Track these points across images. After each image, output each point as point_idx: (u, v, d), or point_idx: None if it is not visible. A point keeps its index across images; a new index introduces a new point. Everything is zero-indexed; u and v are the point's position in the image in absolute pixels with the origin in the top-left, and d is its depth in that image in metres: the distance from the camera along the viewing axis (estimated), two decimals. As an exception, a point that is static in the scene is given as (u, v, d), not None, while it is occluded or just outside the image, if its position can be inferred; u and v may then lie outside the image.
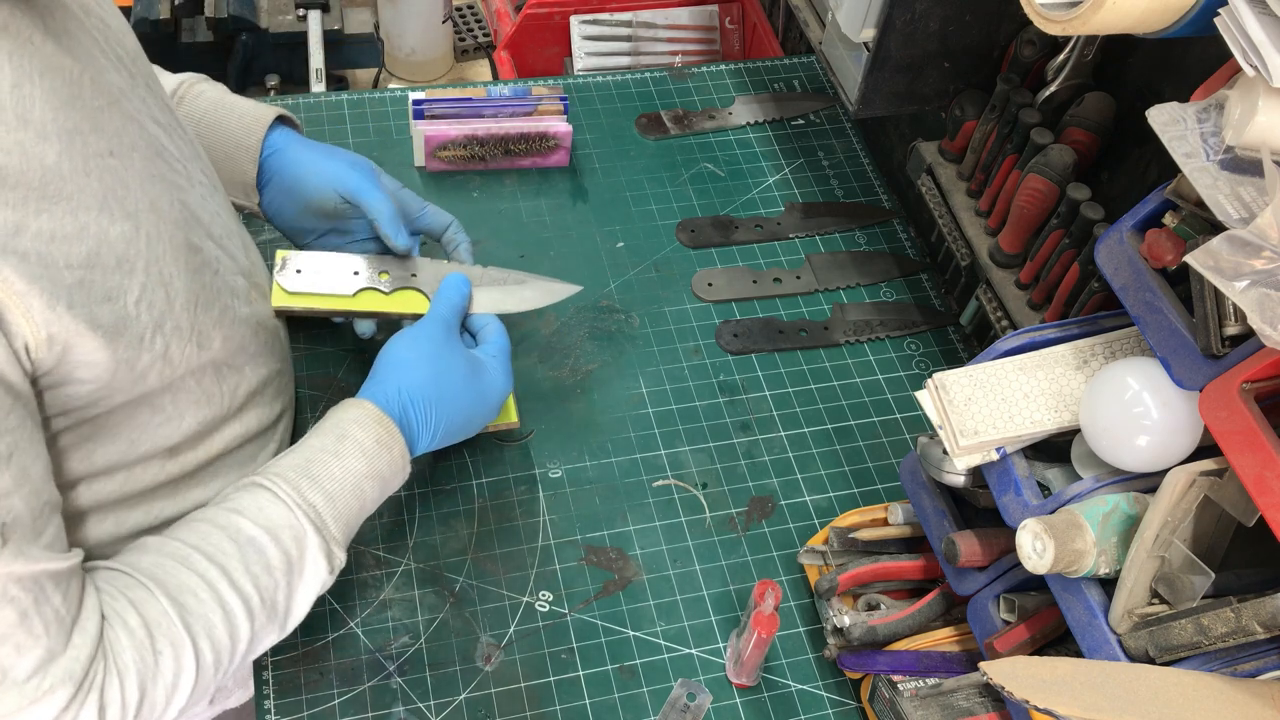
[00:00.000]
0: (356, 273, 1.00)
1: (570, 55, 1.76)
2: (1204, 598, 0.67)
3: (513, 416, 1.05)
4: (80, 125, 0.68)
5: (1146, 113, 0.68)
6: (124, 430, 0.77)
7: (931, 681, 0.88)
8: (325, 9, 2.16)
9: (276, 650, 0.93)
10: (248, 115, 1.00)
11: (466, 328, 1.00)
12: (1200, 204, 0.66)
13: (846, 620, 0.90)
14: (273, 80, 2.17)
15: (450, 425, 0.90)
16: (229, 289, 0.83)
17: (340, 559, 0.83)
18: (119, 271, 0.69)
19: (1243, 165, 0.64)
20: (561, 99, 1.28)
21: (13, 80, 0.63)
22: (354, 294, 1.00)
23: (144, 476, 0.81)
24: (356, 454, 0.83)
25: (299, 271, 0.99)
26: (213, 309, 0.79)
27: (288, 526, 0.79)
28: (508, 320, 1.14)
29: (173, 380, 0.78)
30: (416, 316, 0.98)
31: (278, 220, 1.03)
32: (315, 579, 0.81)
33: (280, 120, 1.02)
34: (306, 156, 1.00)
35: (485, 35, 2.47)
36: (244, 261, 0.89)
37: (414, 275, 1.02)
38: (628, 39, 1.76)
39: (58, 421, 0.72)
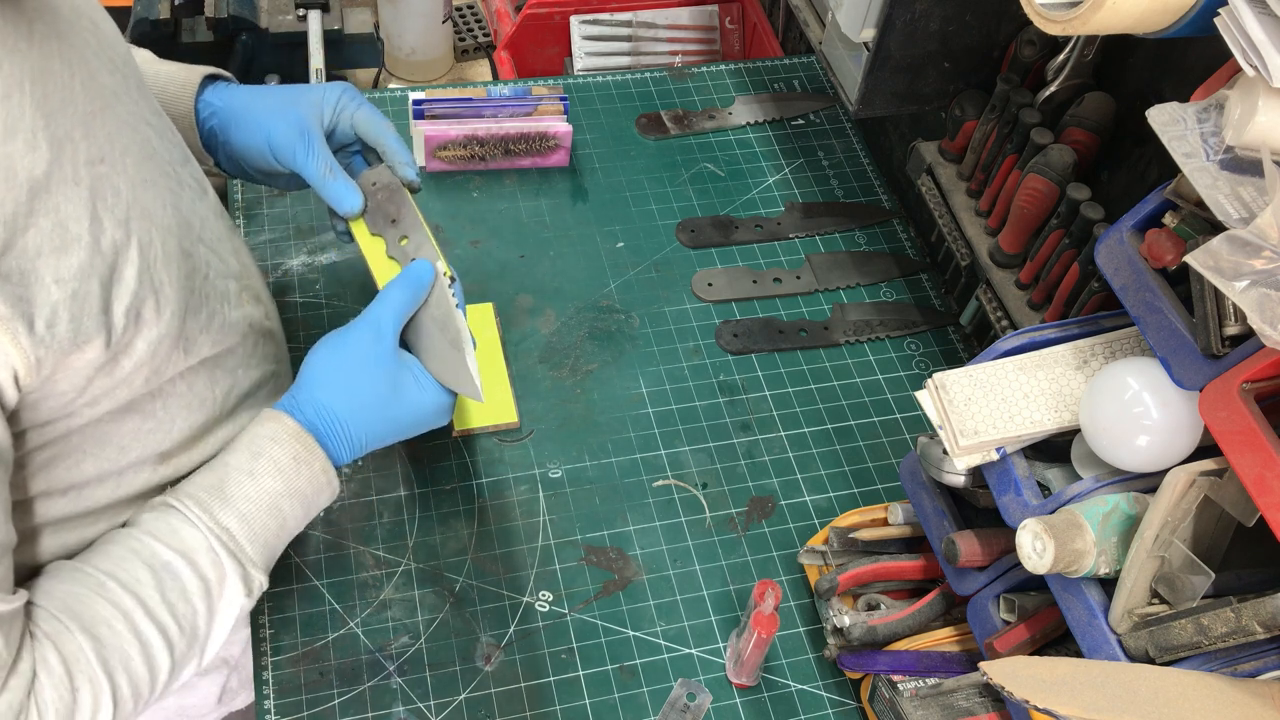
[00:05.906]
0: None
1: (570, 55, 1.76)
2: (1204, 598, 0.67)
3: (513, 416, 1.05)
4: (71, 132, 0.66)
5: (1146, 113, 0.68)
6: (113, 438, 0.76)
7: (931, 681, 0.88)
8: (325, 9, 2.16)
9: (276, 650, 0.93)
10: (174, 82, 0.94)
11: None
12: (1200, 204, 0.66)
13: (846, 620, 0.90)
14: (273, 80, 2.16)
15: (371, 439, 0.85)
16: (218, 293, 0.82)
17: (259, 582, 0.79)
18: (110, 281, 0.68)
19: (1243, 165, 0.64)
20: (561, 99, 1.28)
21: (2, 91, 0.61)
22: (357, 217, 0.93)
23: (134, 481, 0.80)
24: (273, 473, 0.80)
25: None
26: (200, 314, 0.78)
27: (205, 550, 0.76)
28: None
29: (160, 385, 0.77)
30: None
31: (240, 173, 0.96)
32: (233, 604, 0.78)
33: (211, 79, 0.96)
34: (245, 115, 0.93)
35: (485, 35, 2.47)
36: (234, 265, 0.87)
37: (404, 238, 0.92)
38: (628, 39, 1.76)
39: (43, 433, 0.70)
